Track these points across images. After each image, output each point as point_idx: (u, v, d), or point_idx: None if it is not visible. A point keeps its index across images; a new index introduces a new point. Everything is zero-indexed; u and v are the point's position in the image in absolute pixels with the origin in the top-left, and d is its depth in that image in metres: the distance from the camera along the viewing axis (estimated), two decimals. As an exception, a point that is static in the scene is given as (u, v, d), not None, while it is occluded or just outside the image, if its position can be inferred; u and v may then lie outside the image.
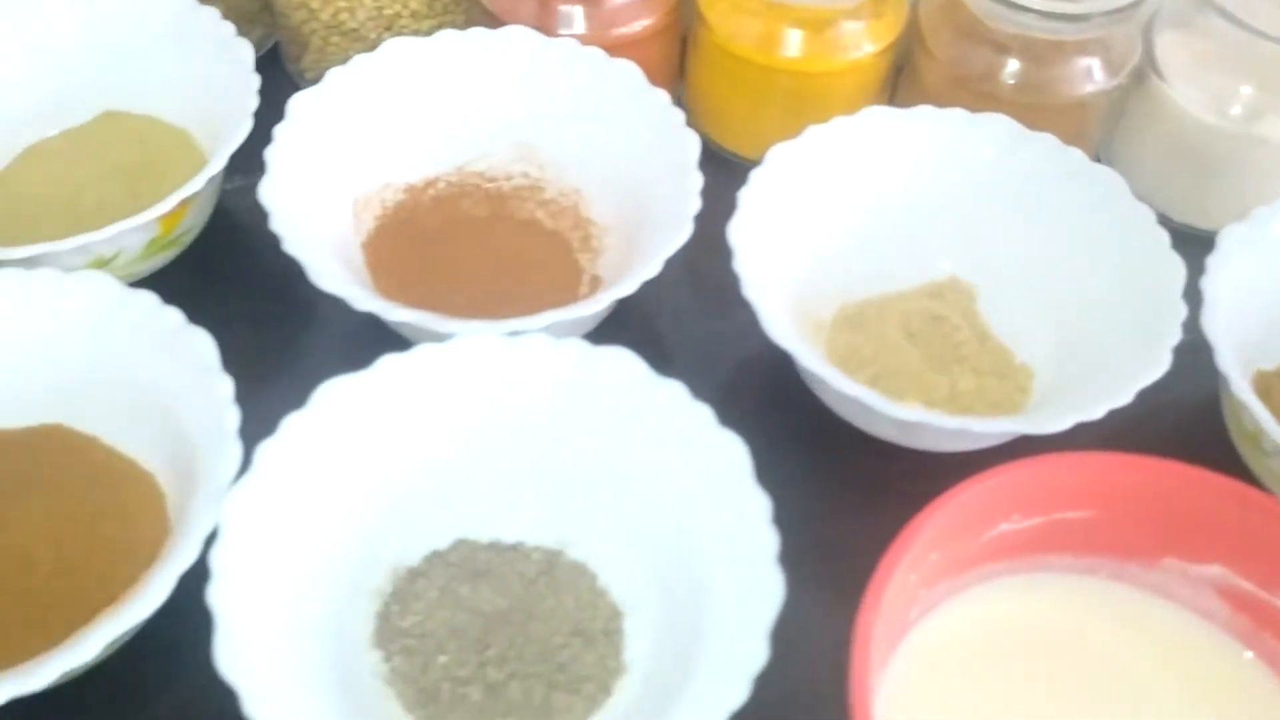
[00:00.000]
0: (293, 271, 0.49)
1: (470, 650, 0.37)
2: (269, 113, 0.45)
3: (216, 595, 0.32)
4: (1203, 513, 0.34)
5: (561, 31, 0.50)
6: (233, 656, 0.31)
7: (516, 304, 0.41)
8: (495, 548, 0.40)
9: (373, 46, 0.50)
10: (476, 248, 0.49)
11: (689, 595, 0.36)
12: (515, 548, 0.40)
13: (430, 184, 0.50)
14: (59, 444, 0.41)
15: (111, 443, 0.41)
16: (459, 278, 0.47)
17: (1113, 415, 0.38)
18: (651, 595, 0.38)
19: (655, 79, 0.47)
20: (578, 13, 0.50)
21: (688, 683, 0.33)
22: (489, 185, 0.50)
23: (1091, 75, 0.49)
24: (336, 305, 0.43)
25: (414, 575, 0.39)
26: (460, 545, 0.40)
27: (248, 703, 0.30)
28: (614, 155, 0.47)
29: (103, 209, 0.47)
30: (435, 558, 0.40)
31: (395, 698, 0.37)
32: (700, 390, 0.38)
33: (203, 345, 0.38)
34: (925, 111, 0.46)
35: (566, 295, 0.47)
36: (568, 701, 0.37)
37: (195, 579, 0.33)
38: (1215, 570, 0.35)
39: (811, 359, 0.39)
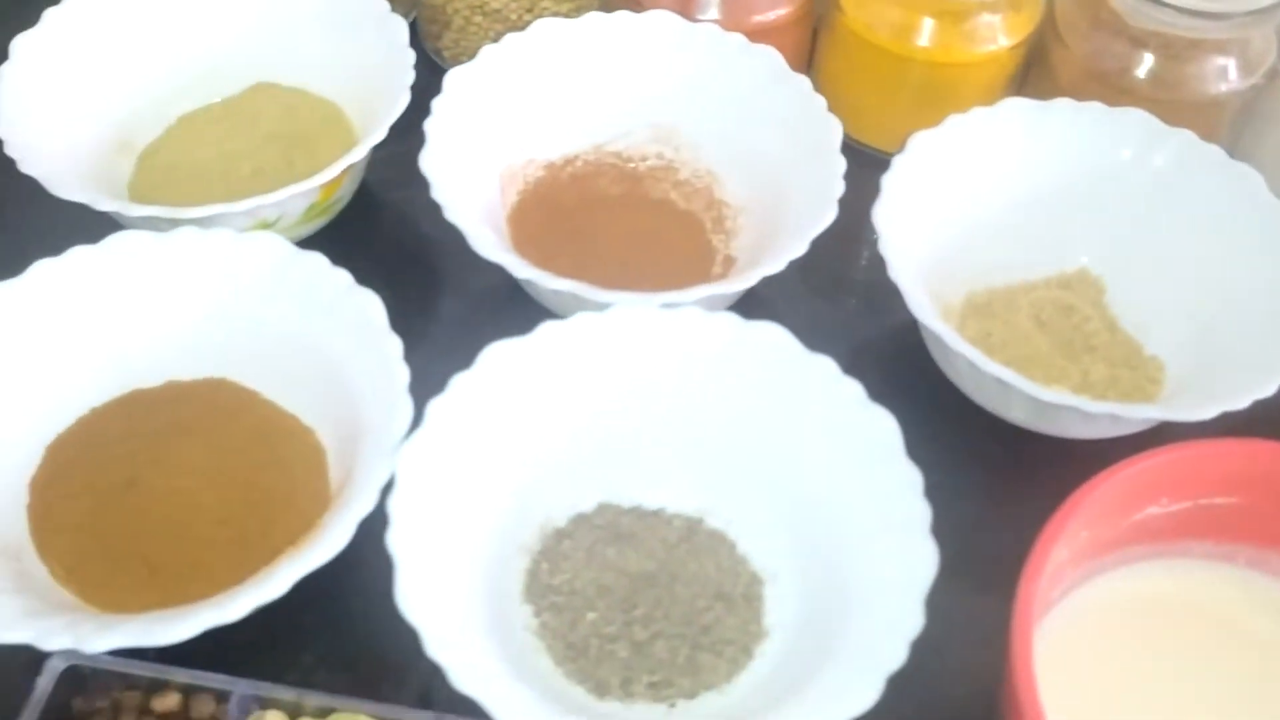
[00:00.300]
0: (431, 240, 0.51)
1: (617, 609, 0.39)
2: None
3: (395, 540, 0.34)
4: (1352, 502, 0.35)
5: (700, 17, 0.51)
6: (412, 599, 0.33)
7: (651, 281, 0.43)
8: (637, 513, 0.42)
9: (512, 27, 0.52)
10: (611, 225, 0.51)
11: (833, 565, 0.38)
12: (657, 514, 0.42)
13: (569, 162, 0.51)
14: (224, 397, 0.44)
15: (273, 398, 0.43)
16: (595, 253, 0.49)
17: (1252, 407, 0.38)
18: (792, 564, 0.40)
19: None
20: (717, -1, 0.51)
21: (840, 646, 0.35)
22: (625, 165, 0.52)
23: (1227, 74, 0.49)
24: (473, 273, 0.45)
25: (560, 535, 0.41)
26: (604, 509, 0.41)
27: (429, 644, 0.32)
28: (751, 139, 0.49)
29: (259, 176, 0.49)
30: (580, 519, 0.41)
31: (545, 651, 0.38)
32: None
33: (371, 306, 0.40)
34: (1064, 104, 0.47)
35: (700, 274, 0.48)
36: (712, 662, 0.38)
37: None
38: (1361, 560, 0.36)
39: (957, 341, 0.40)
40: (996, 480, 0.44)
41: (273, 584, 0.34)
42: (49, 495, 0.40)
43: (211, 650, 0.35)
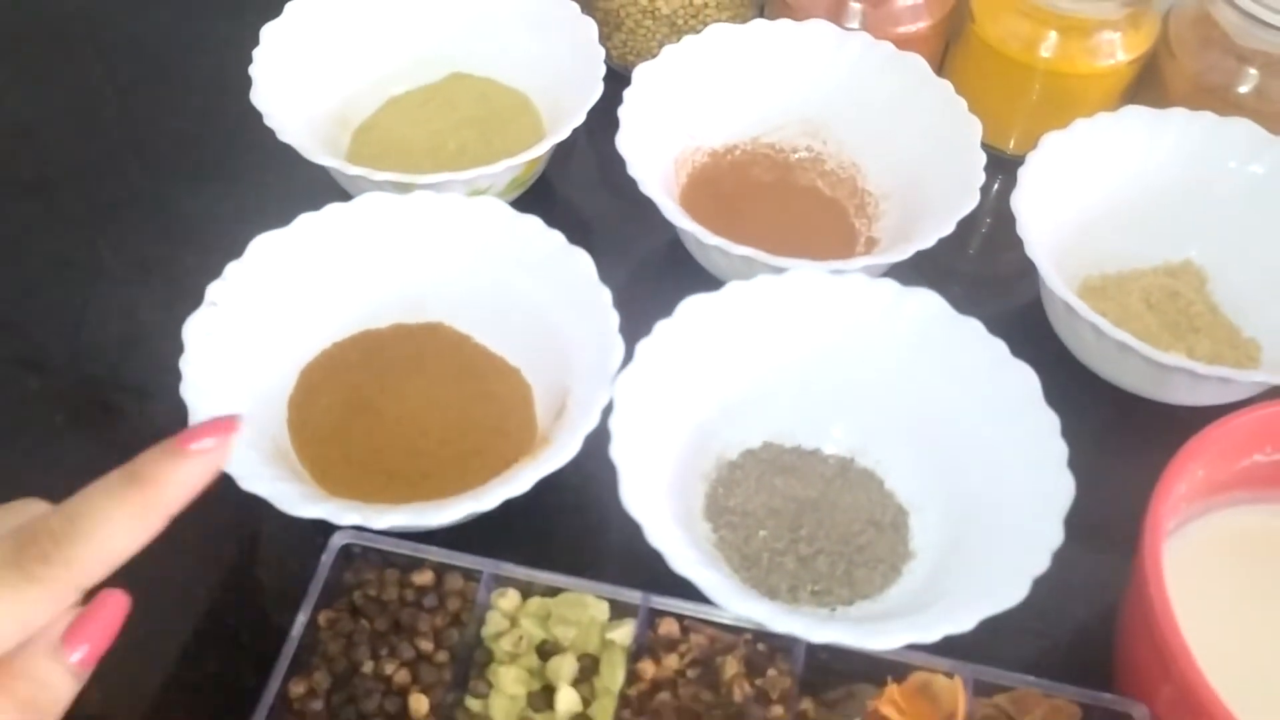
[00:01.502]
0: (600, 214, 0.58)
1: (785, 528, 0.45)
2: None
3: (617, 450, 0.41)
4: None
5: (849, 25, 0.58)
6: (634, 496, 0.40)
7: (803, 256, 0.49)
8: (797, 452, 0.48)
9: (677, 31, 0.59)
10: (764, 208, 0.57)
11: (976, 498, 0.44)
12: (814, 453, 0.48)
13: (729, 150, 0.58)
14: (440, 339, 0.51)
15: (482, 341, 0.50)
16: (750, 233, 0.55)
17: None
18: (936, 498, 0.46)
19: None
20: (867, 11, 0.58)
21: (986, 559, 0.41)
22: (777, 155, 0.58)
23: (1325, 90, 0.55)
24: (636, 242, 0.53)
25: (733, 467, 0.47)
26: (768, 446, 0.48)
27: (650, 533, 0.39)
28: (896, 135, 0.55)
29: (463, 153, 0.57)
30: (749, 454, 0.48)
31: (724, 561, 0.45)
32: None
33: (583, 261, 0.47)
34: (1179, 113, 0.53)
35: (844, 253, 0.55)
36: (866, 575, 0.44)
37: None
38: None
39: (1084, 308, 0.46)
40: (1110, 441, 0.50)
41: (518, 482, 0.40)
42: (303, 412, 0.48)
43: (459, 539, 0.42)
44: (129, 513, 0.26)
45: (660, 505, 0.42)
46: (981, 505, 0.43)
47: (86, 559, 0.25)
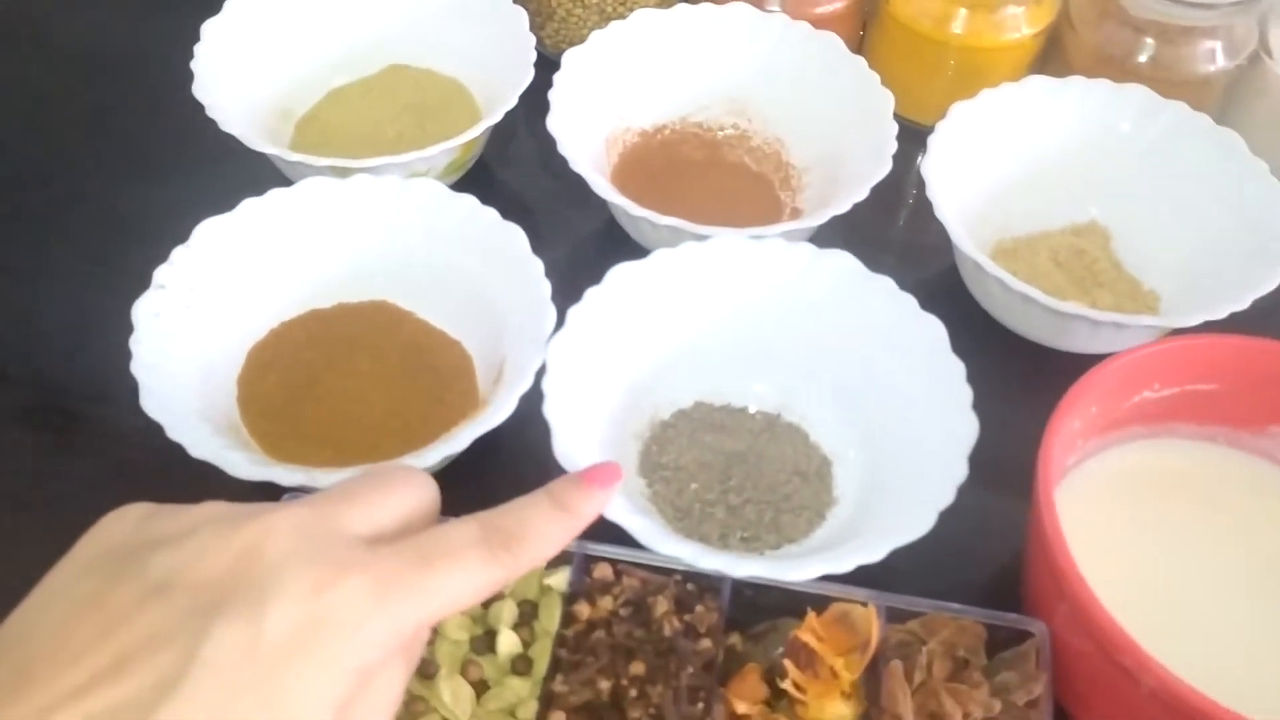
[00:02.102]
0: (536, 195, 0.60)
1: (715, 480, 0.48)
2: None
3: (550, 408, 0.43)
4: (1307, 387, 0.44)
5: (770, 8, 0.61)
6: (566, 450, 0.42)
7: (731, 227, 0.52)
8: (727, 410, 0.51)
9: (608, 18, 0.62)
10: (694, 184, 0.60)
11: (891, 445, 0.47)
12: (742, 410, 0.51)
13: (659, 130, 0.61)
14: (384, 316, 0.53)
15: (426, 317, 0.53)
16: (683, 208, 0.57)
17: (1230, 319, 0.47)
18: (856, 448, 0.49)
19: (840, 52, 0.57)
20: (786, -7, 0.61)
21: (898, 497, 0.44)
22: (705, 133, 0.61)
23: (1215, 57, 0.58)
24: (574, 221, 0.55)
25: (665, 426, 0.50)
26: (699, 406, 0.51)
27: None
28: (815, 110, 0.58)
29: (401, 140, 0.59)
30: (681, 414, 0.50)
31: (658, 514, 0.47)
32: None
33: (516, 236, 0.49)
34: (1077, 81, 0.56)
35: (770, 223, 0.57)
36: (791, 521, 0.47)
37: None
38: (1314, 435, 0.45)
39: (990, 264, 0.49)
40: (1019, 388, 0.52)
41: (457, 440, 0.43)
42: (252, 389, 0.50)
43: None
44: (557, 530, 0.31)
45: (593, 459, 0.44)
46: (896, 450, 0.46)
47: (527, 557, 0.30)
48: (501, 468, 0.49)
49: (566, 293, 0.47)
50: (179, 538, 0.27)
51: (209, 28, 0.57)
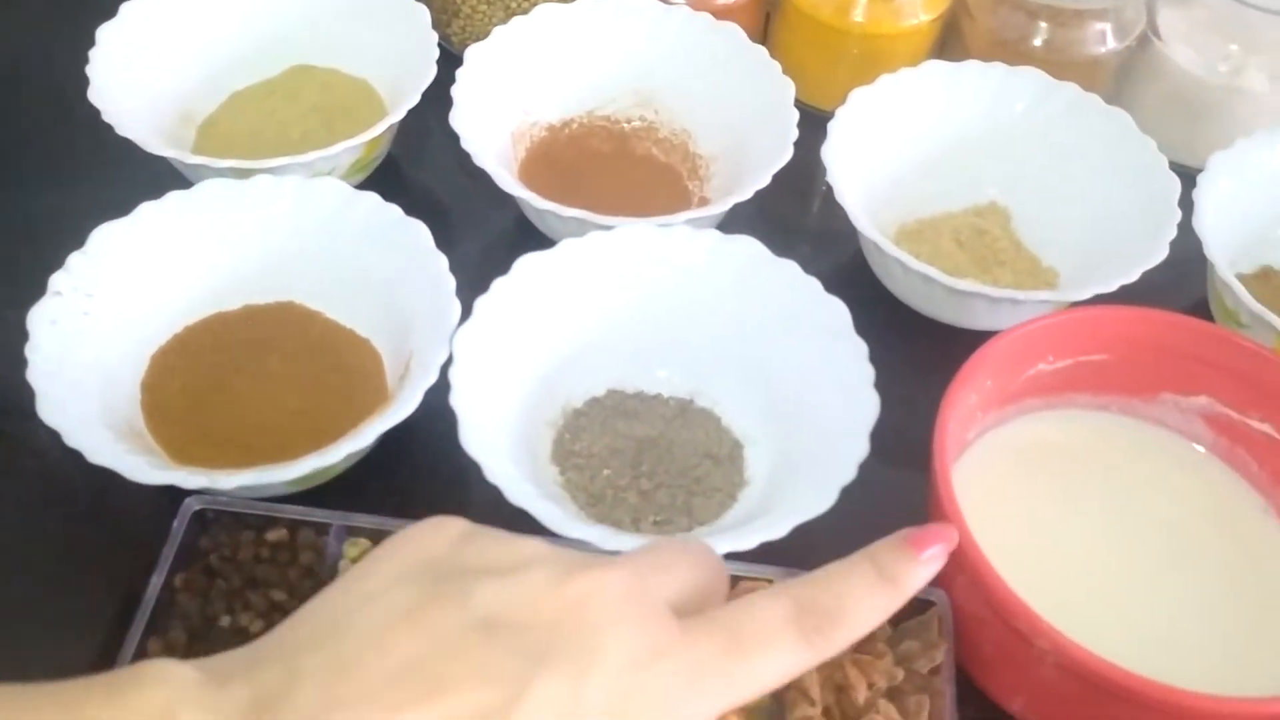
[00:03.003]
0: (449, 195, 0.60)
1: (627, 466, 0.48)
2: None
3: (457, 399, 0.43)
4: (1192, 354, 0.45)
5: (673, 0, 0.61)
6: (473, 439, 0.42)
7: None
8: (640, 397, 0.51)
9: (513, 13, 0.62)
10: (603, 177, 0.60)
11: (799, 425, 0.47)
12: (655, 397, 0.51)
13: (566, 124, 0.61)
14: (293, 316, 0.52)
15: (334, 316, 0.52)
16: (592, 202, 0.58)
17: (1123, 294, 0.49)
18: (766, 430, 0.49)
19: (746, 41, 0.58)
20: (688, -14, 0.61)
21: (807, 472, 0.44)
22: (613, 126, 0.62)
23: (1105, 38, 0.60)
24: (486, 219, 0.55)
25: (578, 414, 0.50)
26: (612, 393, 0.51)
27: (488, 470, 0.41)
28: (720, 100, 0.59)
29: (306, 140, 0.59)
30: (594, 402, 0.51)
31: (570, 500, 0.48)
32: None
33: (420, 231, 0.49)
34: (973, 65, 0.57)
35: (680, 213, 0.58)
36: (704, 503, 0.48)
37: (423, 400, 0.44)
38: (1202, 400, 0.46)
39: (889, 246, 0.50)
40: (923, 367, 0.53)
41: (361, 436, 0.43)
42: (156, 395, 0.49)
43: (313, 497, 0.44)
44: (878, 606, 0.29)
45: (501, 448, 0.44)
46: (803, 430, 0.47)
47: (841, 640, 0.28)
48: (416, 462, 0.49)
49: (477, 287, 0.47)
50: (506, 572, 0.27)
51: (104, 32, 0.56)
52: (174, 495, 0.42)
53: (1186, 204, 0.52)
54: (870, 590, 0.29)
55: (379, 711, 0.24)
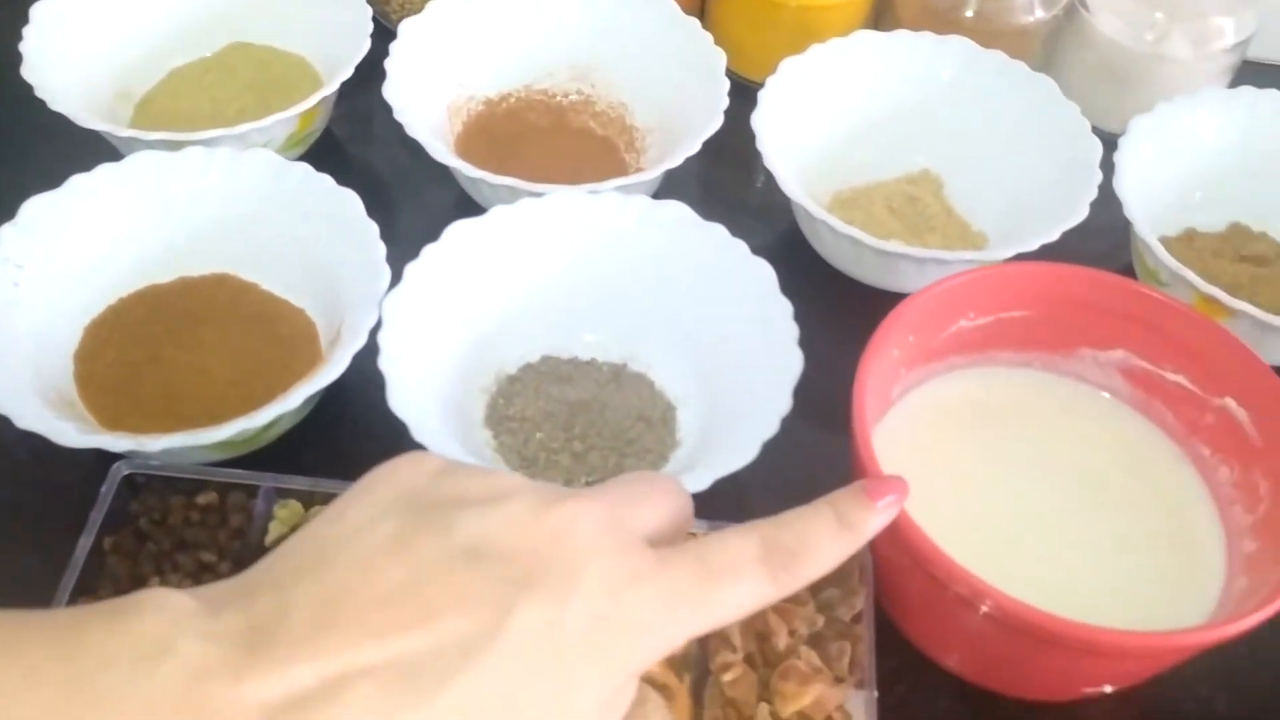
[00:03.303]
0: (389, 171, 0.61)
1: (559, 429, 0.49)
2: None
3: (385, 361, 0.43)
4: (1108, 308, 0.46)
5: (608, -25, 0.62)
6: (400, 401, 0.43)
7: (576, 190, 0.53)
8: (574, 362, 0.52)
9: (451, -10, 0.62)
10: (540, 151, 0.61)
11: (728, 386, 0.48)
12: (589, 362, 0.52)
13: (504, 98, 0.61)
14: (227, 289, 0.53)
15: (269, 288, 0.53)
16: (530, 175, 0.59)
17: (1045, 252, 0.50)
18: (698, 392, 0.50)
19: (682, 14, 0.59)
20: (623, -39, 0.62)
21: (733, 429, 0.45)
22: (550, 100, 0.62)
23: (1033, 8, 0.61)
24: (424, 193, 0.56)
25: (512, 380, 0.51)
26: (546, 360, 0.52)
27: (415, 432, 0.42)
28: (654, 73, 0.59)
29: (243, 116, 0.58)
30: (528, 368, 0.51)
31: (503, 463, 0.48)
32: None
33: (351, 200, 0.50)
34: (902, 34, 0.58)
35: (617, 184, 0.59)
36: (636, 464, 0.48)
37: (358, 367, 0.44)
38: (1119, 354, 0.47)
39: (818, 209, 0.51)
40: (852, 330, 0.54)
41: (290, 398, 0.43)
42: (89, 366, 0.49)
43: (251, 464, 0.44)
44: (837, 549, 0.30)
45: (432, 410, 0.45)
46: (730, 390, 0.48)
47: (803, 577, 0.29)
48: (352, 428, 0.49)
49: (413, 258, 0.48)
50: (486, 503, 0.27)
51: (38, 10, 0.56)
52: (108, 462, 0.43)
53: (1112, 169, 0.53)
54: (831, 533, 0.30)
55: (368, 636, 0.24)
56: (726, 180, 0.62)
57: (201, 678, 0.23)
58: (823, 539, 0.30)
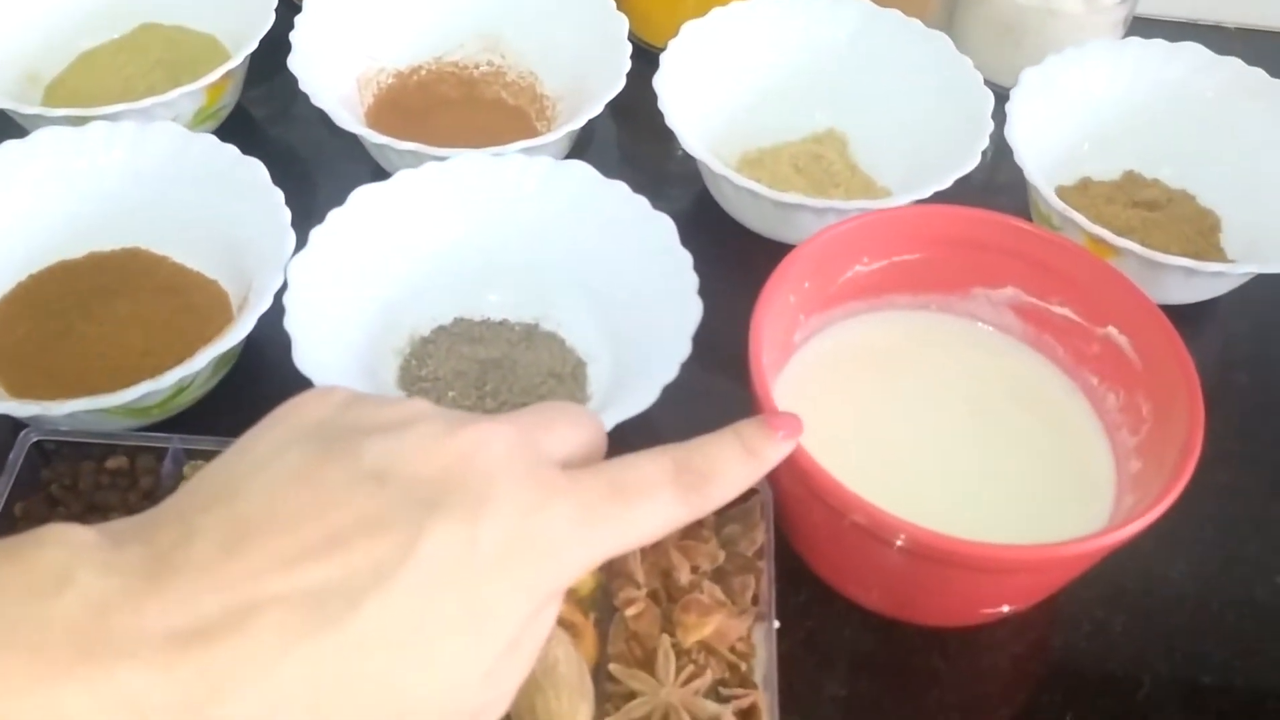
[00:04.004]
0: (303, 148, 0.61)
1: (471, 387, 0.50)
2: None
3: (290, 321, 0.44)
4: (997, 247, 0.48)
5: (514, -54, 0.63)
6: (306, 360, 0.43)
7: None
8: (486, 323, 0.52)
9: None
10: (453, 123, 0.62)
11: (634, 340, 0.49)
12: (502, 323, 0.53)
13: (415, 71, 0.62)
14: (139, 262, 0.53)
15: (180, 260, 0.53)
16: (443, 145, 0.60)
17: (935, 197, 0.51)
18: (607, 348, 0.51)
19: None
20: (527, -68, 0.63)
21: (636, 377, 0.46)
22: (461, 72, 0.63)
23: (930, -31, 0.63)
24: (339, 170, 0.56)
25: (425, 342, 0.51)
26: (459, 322, 0.52)
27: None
28: (560, 40, 0.60)
29: (151, 94, 0.59)
30: (440, 330, 0.52)
31: (417, 423, 0.49)
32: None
33: (256, 169, 0.50)
34: (800, -4, 0.60)
35: (528, 152, 0.59)
36: (547, 419, 0.49)
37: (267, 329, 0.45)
38: (1009, 291, 0.48)
39: (718, 164, 0.52)
40: (754, 284, 0.55)
41: (194, 361, 0.44)
42: (1, 341, 0.49)
43: (162, 429, 0.45)
44: (743, 473, 0.31)
45: (341, 370, 0.45)
46: (635, 343, 0.49)
47: (713, 500, 0.30)
48: (266, 391, 0.49)
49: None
50: (393, 428, 0.27)
51: (-62, -8, 0.56)
52: (19, 431, 0.43)
53: (1002, 119, 0.55)
54: (737, 458, 0.31)
55: (275, 564, 0.24)
56: (643, 149, 0.63)
57: (102, 608, 0.22)
58: (731, 463, 0.31)
